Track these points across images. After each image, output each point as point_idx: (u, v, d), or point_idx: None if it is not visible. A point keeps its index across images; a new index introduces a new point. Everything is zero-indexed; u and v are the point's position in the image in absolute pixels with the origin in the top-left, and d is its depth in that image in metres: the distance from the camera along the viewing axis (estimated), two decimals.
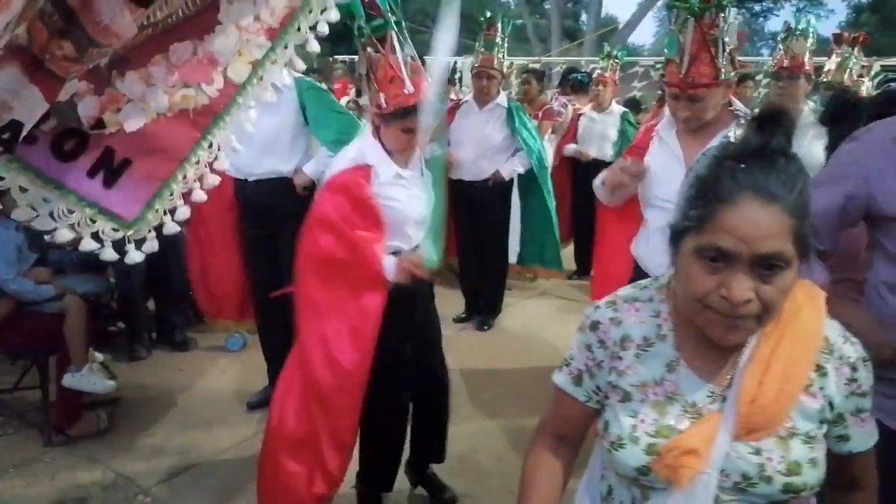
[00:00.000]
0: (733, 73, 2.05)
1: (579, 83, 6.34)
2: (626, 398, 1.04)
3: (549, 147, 5.01)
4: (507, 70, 5.88)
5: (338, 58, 9.86)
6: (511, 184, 4.43)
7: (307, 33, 1.60)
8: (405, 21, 2.13)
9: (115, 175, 1.49)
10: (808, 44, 3.18)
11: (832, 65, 3.94)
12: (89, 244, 1.49)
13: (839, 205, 1.46)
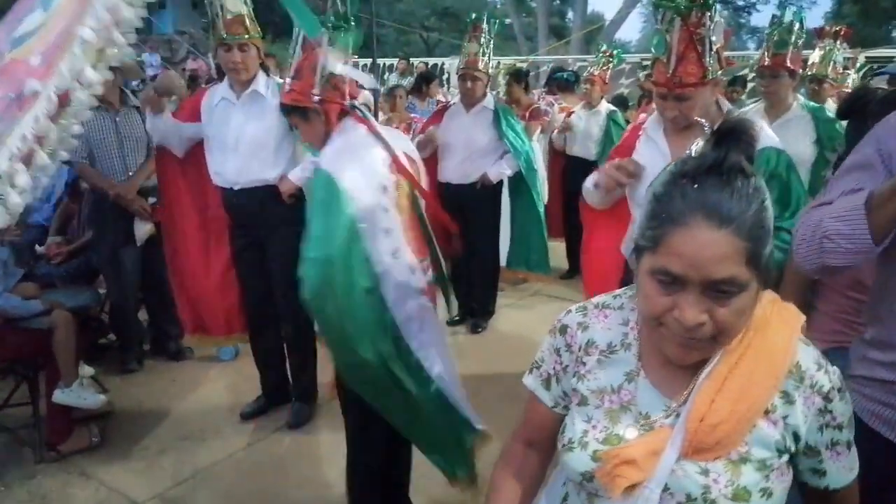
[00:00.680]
0: (720, 72, 2.05)
1: (565, 82, 6.35)
2: (583, 402, 1.04)
3: (538, 148, 5.00)
4: (494, 70, 5.87)
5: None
6: (500, 186, 4.41)
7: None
8: (393, 23, 2.11)
9: None
10: (792, 38, 3.18)
11: (816, 58, 3.96)
12: None
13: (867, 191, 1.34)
